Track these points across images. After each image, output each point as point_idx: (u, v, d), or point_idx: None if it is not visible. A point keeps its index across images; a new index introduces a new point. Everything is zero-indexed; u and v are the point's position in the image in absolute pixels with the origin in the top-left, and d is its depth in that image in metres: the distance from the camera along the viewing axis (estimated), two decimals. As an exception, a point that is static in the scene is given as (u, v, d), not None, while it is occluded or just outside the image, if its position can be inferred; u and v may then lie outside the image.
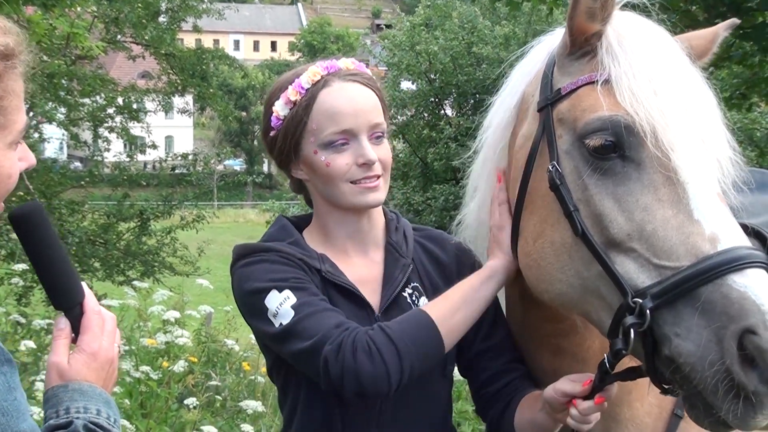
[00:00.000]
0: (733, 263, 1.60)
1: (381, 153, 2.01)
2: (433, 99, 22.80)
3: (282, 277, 1.91)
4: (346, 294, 1.99)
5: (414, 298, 2.04)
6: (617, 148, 1.75)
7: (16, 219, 1.58)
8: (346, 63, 2.05)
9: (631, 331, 1.66)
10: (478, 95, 21.67)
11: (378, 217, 2.12)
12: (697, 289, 1.61)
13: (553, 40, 2.04)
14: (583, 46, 1.87)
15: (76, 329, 1.64)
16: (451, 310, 1.90)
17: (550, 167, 1.84)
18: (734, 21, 2.09)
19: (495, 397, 2.10)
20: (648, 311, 1.64)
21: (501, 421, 2.08)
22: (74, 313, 1.64)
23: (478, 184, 2.24)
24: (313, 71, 2.00)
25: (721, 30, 2.03)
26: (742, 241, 1.67)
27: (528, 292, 2.03)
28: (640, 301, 1.65)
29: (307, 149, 2.01)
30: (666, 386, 1.72)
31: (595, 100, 1.79)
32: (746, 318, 1.55)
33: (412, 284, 2.06)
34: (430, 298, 2.04)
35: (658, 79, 1.77)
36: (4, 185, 1.51)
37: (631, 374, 1.82)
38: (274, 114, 2.04)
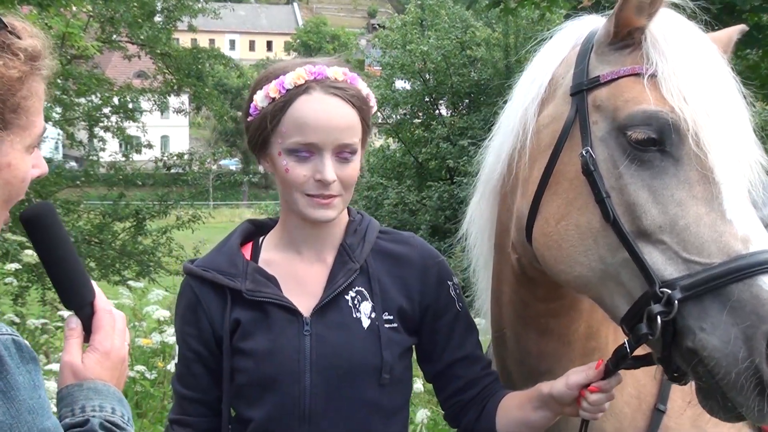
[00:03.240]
0: (765, 265, 1.64)
1: (345, 172, 1.97)
2: (427, 99, 22.83)
3: (181, 329, 2.11)
4: (272, 303, 2.02)
5: (356, 302, 2.03)
6: (658, 143, 1.79)
7: (29, 220, 1.59)
8: (335, 72, 1.99)
9: (658, 318, 1.69)
10: (472, 95, 21.72)
11: (338, 219, 2.10)
12: (728, 287, 1.64)
13: (578, 26, 2.08)
14: (625, 38, 1.91)
15: (87, 328, 1.65)
16: None
17: (583, 152, 1.86)
18: (744, 27, 2.15)
19: (470, 403, 2.11)
20: (676, 302, 1.67)
21: (477, 425, 2.09)
22: (85, 312, 1.65)
23: (493, 165, 2.24)
24: (299, 74, 1.97)
25: (734, 34, 2.09)
26: None
27: (526, 272, 2.06)
28: (668, 291, 1.69)
29: (273, 148, 2.01)
30: (676, 374, 1.76)
31: (639, 92, 1.83)
32: None
33: (355, 288, 2.04)
34: (375, 302, 2.04)
35: (704, 80, 1.82)
36: (17, 190, 1.50)
37: (639, 362, 1.86)
38: (253, 102, 2.04)
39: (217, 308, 2.05)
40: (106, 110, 14.60)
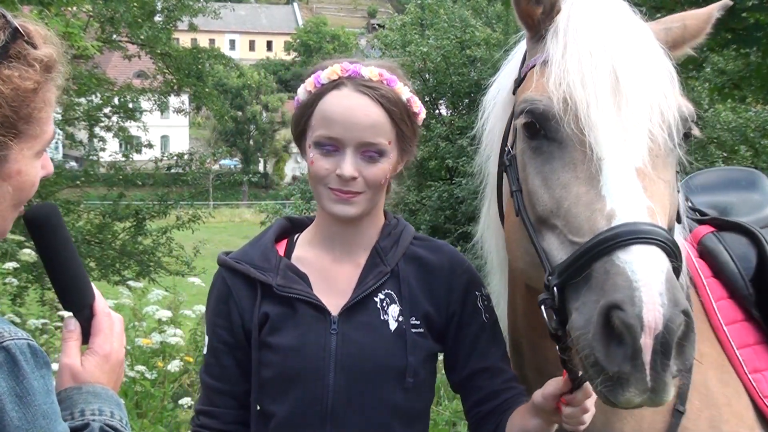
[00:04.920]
0: (619, 239, 1.61)
1: (369, 171, 2.00)
2: (427, 98, 22.81)
3: (212, 321, 2.12)
4: (301, 300, 2.03)
5: (385, 305, 2.04)
6: (540, 129, 1.80)
7: (32, 220, 1.58)
8: (371, 72, 2.01)
9: (542, 306, 1.69)
10: (472, 94, 21.68)
11: (372, 220, 2.12)
12: (590, 265, 1.62)
13: None
14: (538, 30, 1.91)
15: (86, 330, 1.64)
16: None
17: (506, 149, 1.91)
18: (727, 2, 2.08)
19: (488, 416, 2.09)
20: (555, 288, 1.67)
21: None
22: (84, 314, 1.65)
23: (483, 167, 2.26)
24: (333, 70, 2.01)
25: (714, 11, 2.04)
26: (639, 217, 1.65)
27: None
28: (550, 278, 1.69)
29: (307, 141, 2.05)
30: None
31: (531, 82, 1.84)
32: (614, 293, 1.55)
33: (385, 291, 2.05)
34: (404, 306, 2.04)
35: (590, 59, 1.78)
36: (27, 193, 1.52)
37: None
38: (297, 95, 2.09)
39: (247, 301, 2.06)
40: (107, 110, 14.61)
